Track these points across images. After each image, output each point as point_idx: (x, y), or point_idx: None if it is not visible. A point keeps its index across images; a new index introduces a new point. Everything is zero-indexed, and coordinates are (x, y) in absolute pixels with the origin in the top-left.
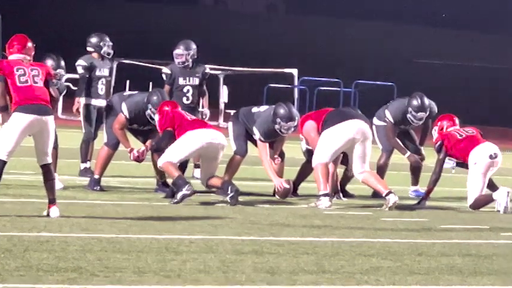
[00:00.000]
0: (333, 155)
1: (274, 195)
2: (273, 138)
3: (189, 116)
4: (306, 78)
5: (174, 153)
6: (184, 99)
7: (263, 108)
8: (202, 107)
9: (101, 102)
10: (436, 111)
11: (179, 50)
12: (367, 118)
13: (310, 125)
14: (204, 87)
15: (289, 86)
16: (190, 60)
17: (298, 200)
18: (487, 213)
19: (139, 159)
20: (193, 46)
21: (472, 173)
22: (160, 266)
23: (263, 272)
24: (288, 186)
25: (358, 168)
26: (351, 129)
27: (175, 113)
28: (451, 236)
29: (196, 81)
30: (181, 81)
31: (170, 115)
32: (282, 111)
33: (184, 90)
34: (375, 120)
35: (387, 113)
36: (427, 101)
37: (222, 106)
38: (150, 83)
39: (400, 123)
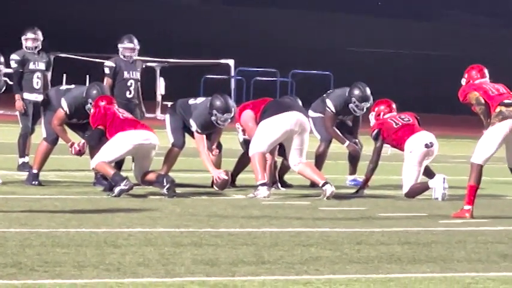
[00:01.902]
0: (270, 145)
1: (212, 186)
2: (210, 130)
3: (122, 114)
4: (242, 68)
5: (105, 155)
6: (127, 93)
7: (200, 100)
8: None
9: (37, 97)
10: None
11: (130, 44)
12: (305, 107)
13: (248, 114)
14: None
15: (225, 76)
16: (136, 54)
17: (236, 190)
18: (425, 200)
19: (80, 153)
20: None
21: (408, 161)
22: (100, 260)
23: (202, 264)
24: (226, 178)
25: (294, 159)
26: (289, 121)
27: (107, 110)
28: (389, 224)
29: (138, 75)
30: (125, 74)
31: (102, 112)
32: (218, 103)
33: (128, 83)
34: (311, 113)
35: (328, 102)
36: (368, 90)
37: (159, 98)
38: (87, 77)
39: (340, 113)
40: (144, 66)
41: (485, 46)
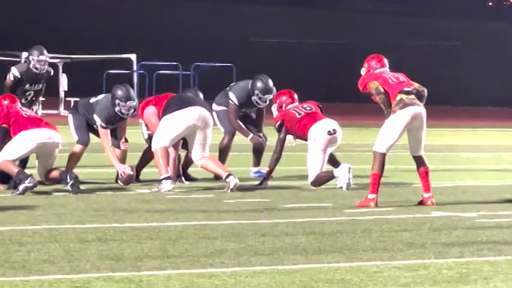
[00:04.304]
0: (173, 140)
1: (117, 181)
2: (115, 123)
3: (25, 113)
4: (144, 63)
5: (9, 154)
6: (23, 99)
7: (100, 96)
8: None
9: None
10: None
11: (42, 57)
12: (207, 100)
13: (151, 110)
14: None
15: (128, 71)
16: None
17: (140, 185)
18: (330, 190)
19: None
20: None
21: (312, 149)
22: (5, 258)
23: (107, 259)
24: (130, 173)
25: (197, 154)
26: (191, 116)
27: (10, 109)
28: (294, 215)
29: (40, 86)
30: (27, 86)
31: (5, 111)
32: (119, 92)
33: (27, 93)
34: (214, 106)
35: (231, 95)
36: (271, 82)
37: (62, 94)
38: None
39: (243, 105)
40: (51, 73)
41: (390, 35)
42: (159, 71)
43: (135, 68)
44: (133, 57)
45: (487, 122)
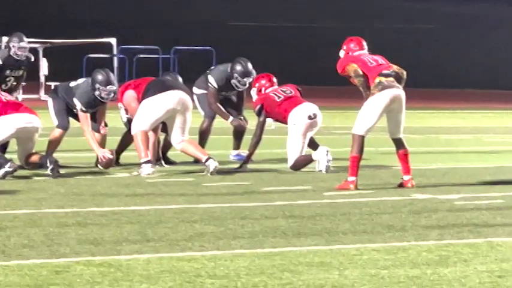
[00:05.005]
0: (152, 124)
1: (96, 165)
2: (95, 107)
3: (4, 97)
4: (124, 46)
5: None
6: (3, 85)
7: (80, 80)
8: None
9: None
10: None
11: (23, 43)
12: (188, 83)
13: (130, 94)
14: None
15: (108, 55)
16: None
17: (120, 169)
18: (310, 173)
19: None
20: None
21: (292, 134)
22: None
23: (87, 244)
24: (110, 157)
25: (177, 138)
26: (171, 100)
27: None
28: (274, 198)
29: (21, 72)
30: (7, 72)
31: None
32: (99, 76)
33: (7, 79)
34: (195, 89)
35: (210, 79)
36: (250, 65)
37: (42, 79)
38: None
39: (223, 88)
40: (32, 61)
41: (371, 17)
42: (139, 55)
43: (115, 52)
44: (113, 41)
45: (467, 104)
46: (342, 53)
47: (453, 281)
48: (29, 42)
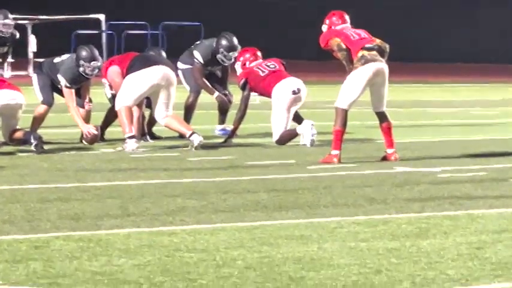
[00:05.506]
0: (137, 99)
1: (81, 141)
2: (79, 84)
3: None
4: (113, 22)
5: None
6: None
7: (65, 56)
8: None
9: None
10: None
11: (8, 20)
12: (176, 59)
13: (114, 70)
14: None
15: (97, 31)
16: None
17: (105, 145)
18: (294, 147)
19: None
20: None
21: (276, 108)
22: None
23: (68, 219)
24: (95, 132)
25: (161, 113)
26: (155, 75)
27: None
28: (257, 173)
29: (6, 49)
30: None
31: None
32: (83, 53)
33: None
34: (180, 64)
35: (196, 54)
36: (236, 39)
37: (30, 55)
38: None
39: (208, 63)
40: (17, 36)
41: None
42: (128, 31)
43: (103, 28)
44: (101, 17)
45: (456, 77)
46: (324, 27)
47: (432, 253)
48: (17, 19)
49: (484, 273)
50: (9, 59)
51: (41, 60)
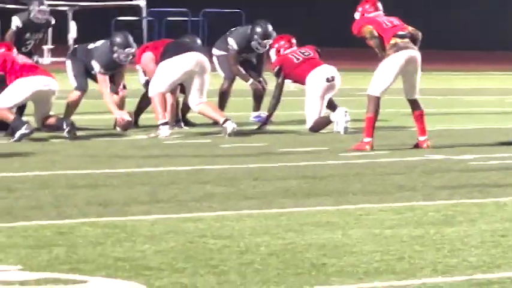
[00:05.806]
0: (170, 86)
1: (115, 128)
2: (113, 70)
3: (21, 60)
4: (153, 9)
5: (5, 101)
6: (23, 48)
7: (99, 42)
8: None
9: None
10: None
11: (43, 7)
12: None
13: (148, 56)
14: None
15: (137, 18)
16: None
17: (138, 131)
18: (328, 134)
19: None
20: None
21: (310, 95)
22: None
23: (95, 205)
24: (129, 119)
25: (195, 100)
26: (189, 62)
27: (6, 56)
28: (289, 159)
29: (41, 35)
30: (27, 35)
31: (1, 59)
32: (118, 39)
33: (27, 42)
34: (215, 51)
35: (230, 40)
36: (270, 27)
37: (71, 42)
38: None
39: (243, 50)
40: (53, 22)
41: None
42: (168, 18)
43: (144, 14)
44: (142, 3)
45: (493, 65)
46: (357, 15)
47: (455, 240)
48: (58, 5)
49: (505, 261)
50: (49, 45)
51: None
